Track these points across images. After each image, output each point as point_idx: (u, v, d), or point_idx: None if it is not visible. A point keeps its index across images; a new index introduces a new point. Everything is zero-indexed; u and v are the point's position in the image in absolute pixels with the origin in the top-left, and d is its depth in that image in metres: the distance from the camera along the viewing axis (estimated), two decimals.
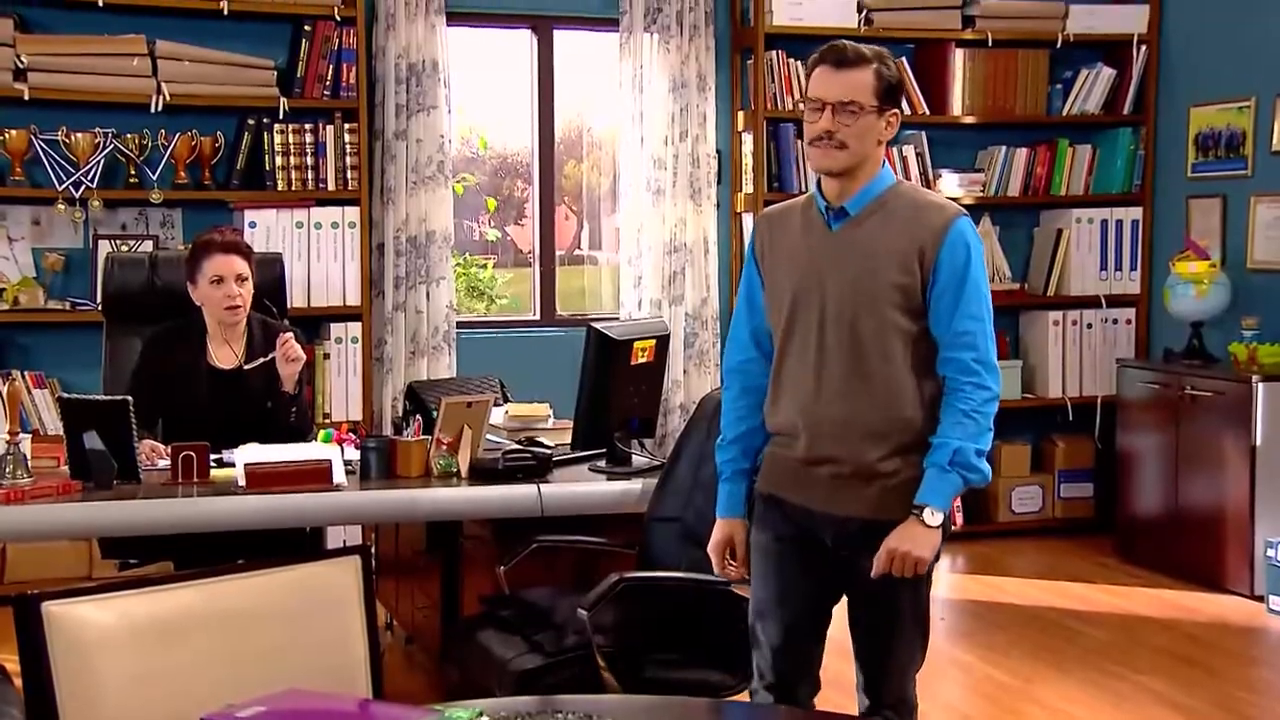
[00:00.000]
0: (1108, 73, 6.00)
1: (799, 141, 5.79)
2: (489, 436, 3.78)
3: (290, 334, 3.76)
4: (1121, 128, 6.03)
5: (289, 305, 4.59)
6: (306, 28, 5.17)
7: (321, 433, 3.61)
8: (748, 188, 5.84)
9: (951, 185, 5.92)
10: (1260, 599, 4.97)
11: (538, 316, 5.95)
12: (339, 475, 3.31)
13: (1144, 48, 5.98)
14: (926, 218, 2.51)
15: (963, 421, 2.45)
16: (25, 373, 4.96)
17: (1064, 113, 6.03)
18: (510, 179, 7.26)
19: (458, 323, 5.62)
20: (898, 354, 2.50)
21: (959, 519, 5.89)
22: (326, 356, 5.28)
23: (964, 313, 2.48)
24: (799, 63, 5.76)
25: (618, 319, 5.63)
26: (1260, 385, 5.00)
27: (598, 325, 3.59)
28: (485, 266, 6.39)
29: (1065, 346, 6.05)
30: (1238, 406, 5.05)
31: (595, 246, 6.84)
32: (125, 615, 1.65)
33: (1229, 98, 5.62)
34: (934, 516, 2.46)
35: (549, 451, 3.56)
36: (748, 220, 5.85)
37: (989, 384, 2.49)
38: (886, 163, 2.61)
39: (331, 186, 5.26)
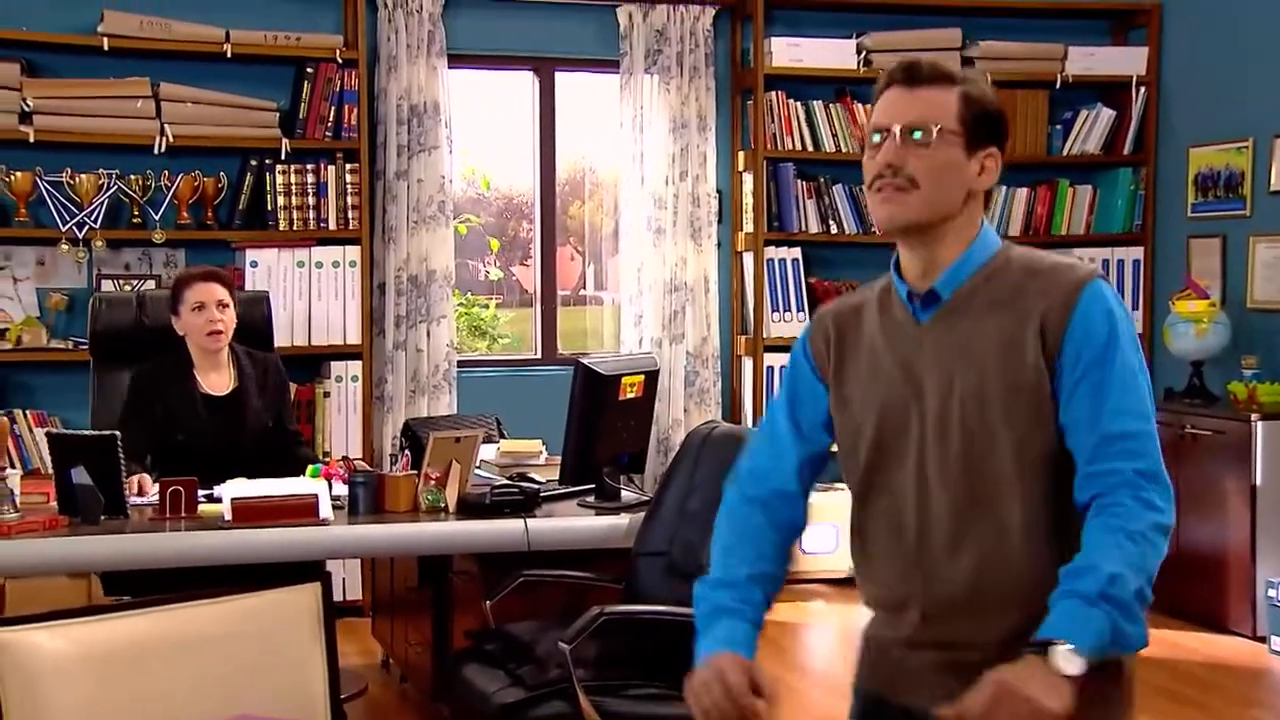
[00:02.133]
0: (1107, 113, 6.02)
1: (799, 181, 5.83)
2: (480, 472, 3.80)
3: None
4: (1121, 168, 6.04)
5: (290, 344, 4.65)
6: (309, 70, 5.24)
7: (310, 468, 3.63)
8: (748, 227, 5.86)
9: None
10: (1262, 639, 4.92)
11: (538, 355, 5.97)
12: (325, 510, 3.32)
13: (1143, 89, 5.99)
14: (1045, 282, 1.79)
15: (1124, 544, 1.65)
16: (28, 411, 5.01)
17: (1064, 153, 6.04)
18: (515, 220, 7.32)
19: (458, 362, 5.65)
20: (1032, 482, 1.76)
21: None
22: (327, 395, 5.31)
23: (1114, 407, 1.72)
24: (798, 103, 5.80)
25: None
26: (1260, 424, 4.98)
27: (586, 361, 3.61)
28: (488, 306, 6.43)
29: None
30: (1238, 446, 5.03)
31: (600, 287, 6.88)
32: (80, 642, 1.66)
33: (1228, 138, 5.63)
34: (1070, 660, 1.58)
35: (537, 487, 3.57)
36: (748, 259, 5.88)
37: (1159, 504, 1.70)
38: (988, 225, 1.89)
39: (333, 226, 5.31)
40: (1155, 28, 6.03)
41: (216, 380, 3.95)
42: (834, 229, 5.84)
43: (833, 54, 5.79)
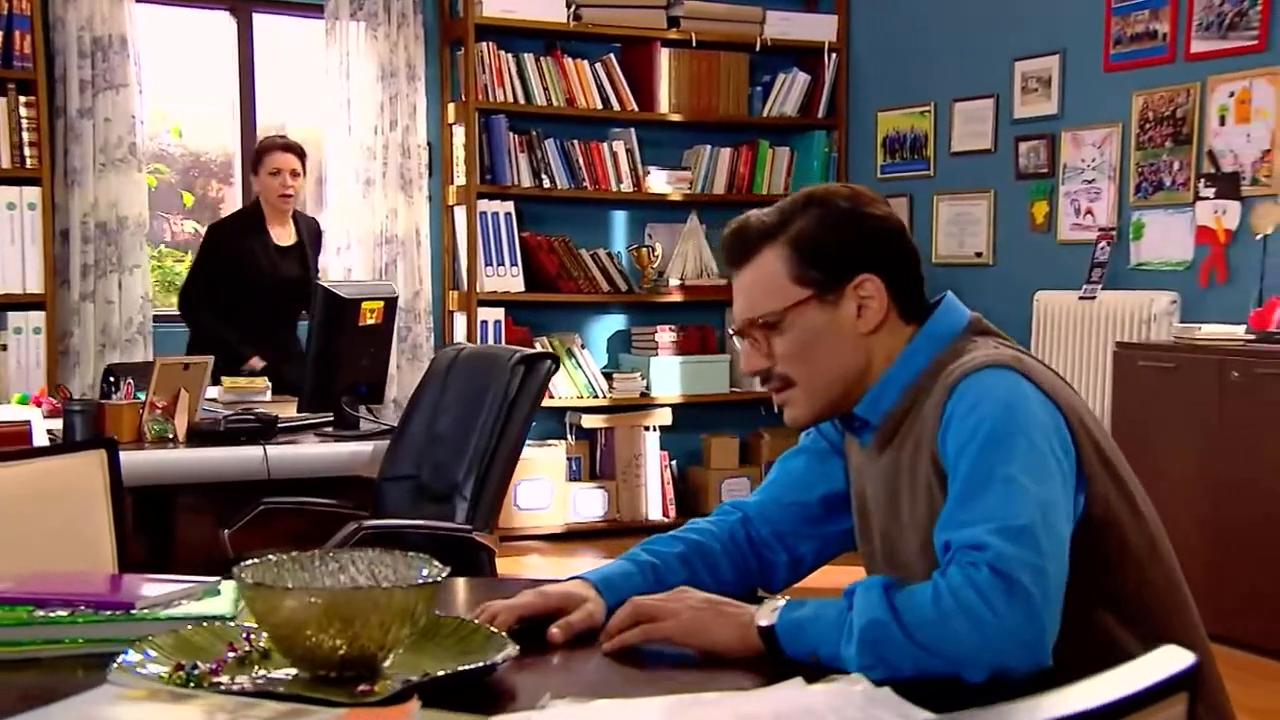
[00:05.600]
0: (803, 78, 6.28)
1: (511, 134, 5.77)
2: (204, 408, 3.55)
3: None
4: (816, 131, 6.32)
5: None
6: None
7: (17, 395, 3.28)
8: (460, 180, 5.77)
9: (660, 182, 6.04)
10: None
11: None
12: (40, 438, 3.00)
13: (834, 55, 6.29)
14: (936, 395, 1.51)
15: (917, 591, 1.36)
16: None
17: (764, 114, 6.26)
18: (204, 178, 6.91)
19: (154, 316, 5.27)
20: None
21: None
22: (4, 348, 4.83)
23: (972, 497, 1.40)
24: (509, 55, 5.75)
25: None
26: None
27: (325, 283, 3.43)
28: (183, 260, 6.03)
29: None
30: None
31: None
32: None
33: (912, 103, 6.00)
34: (768, 614, 1.41)
35: (274, 414, 3.37)
36: (460, 213, 5.78)
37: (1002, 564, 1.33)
38: (927, 331, 1.61)
39: (6, 164, 4.85)
40: None
41: (282, 234, 4.62)
42: (546, 183, 5.82)
43: (543, 6, 5.76)
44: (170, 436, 3.18)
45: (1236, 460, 4.15)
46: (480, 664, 1.24)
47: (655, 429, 6.07)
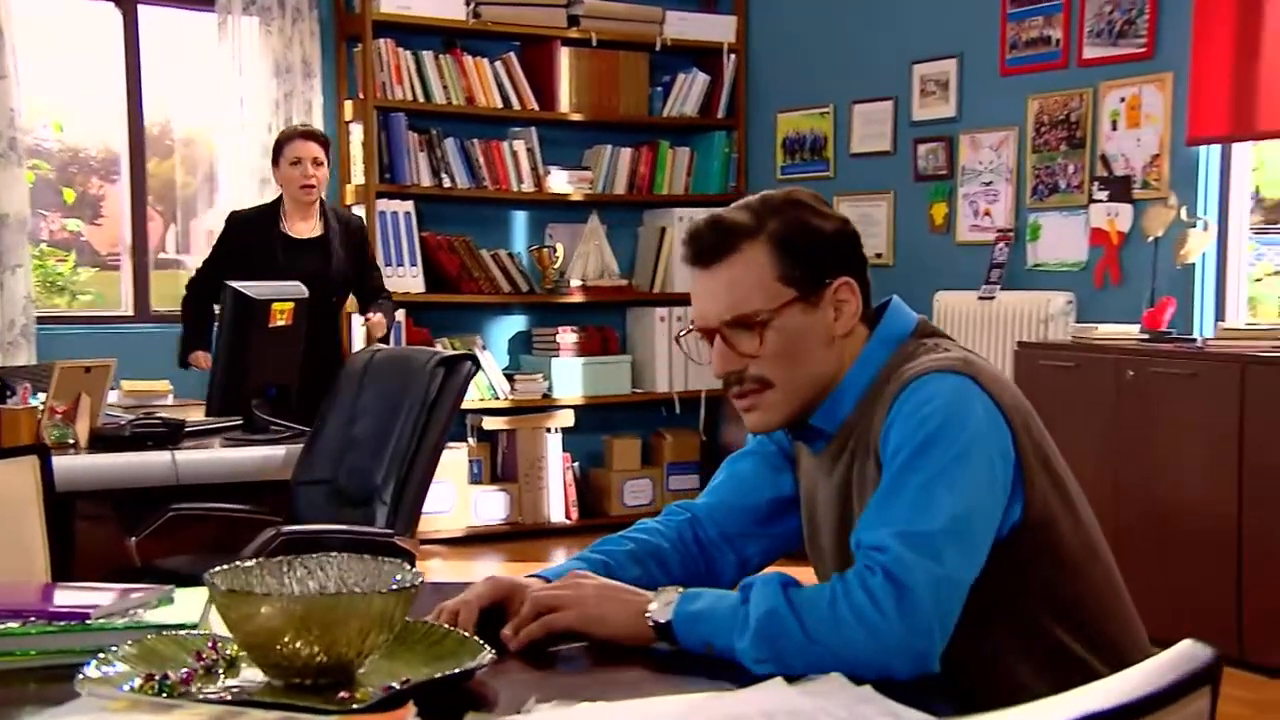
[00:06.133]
0: (702, 78, 6.30)
1: (410, 133, 5.68)
2: (105, 413, 3.42)
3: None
4: (716, 131, 6.34)
5: None
6: None
7: None
8: (358, 179, 5.66)
9: (561, 182, 6.00)
10: None
11: (131, 313, 5.48)
12: None
13: (734, 56, 6.32)
14: (881, 410, 1.50)
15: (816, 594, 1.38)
16: None
17: (664, 114, 6.26)
18: (84, 174, 6.68)
19: (38, 317, 5.07)
20: None
21: None
22: None
23: (891, 505, 1.41)
24: (408, 53, 5.66)
25: None
26: None
27: (235, 285, 3.34)
28: (66, 259, 5.81)
29: (671, 342, 6.24)
30: None
31: (184, 250, 6.41)
32: None
33: (811, 104, 6.05)
34: (662, 608, 1.42)
35: (181, 419, 3.26)
36: (358, 212, 5.67)
37: (899, 574, 1.34)
38: (880, 332, 1.59)
39: None
40: None
41: (303, 227, 4.41)
42: (446, 182, 5.74)
43: (442, 3, 5.68)
44: (71, 442, 3.06)
45: (1132, 459, 4.25)
46: (464, 668, 1.20)
47: (557, 430, 6.02)
